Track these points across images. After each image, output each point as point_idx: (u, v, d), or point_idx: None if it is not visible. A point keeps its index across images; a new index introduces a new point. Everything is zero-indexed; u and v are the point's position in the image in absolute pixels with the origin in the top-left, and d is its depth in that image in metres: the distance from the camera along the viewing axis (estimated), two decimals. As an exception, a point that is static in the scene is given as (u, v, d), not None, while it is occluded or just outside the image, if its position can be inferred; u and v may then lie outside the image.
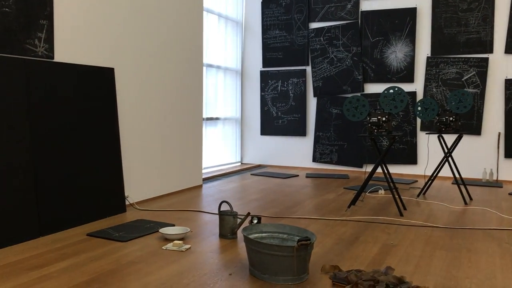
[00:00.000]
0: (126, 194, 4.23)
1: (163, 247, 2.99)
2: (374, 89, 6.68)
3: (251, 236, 2.67)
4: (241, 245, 3.07)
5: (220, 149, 7.01)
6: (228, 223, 3.21)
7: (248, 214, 3.13)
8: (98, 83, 3.77)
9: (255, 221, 2.89)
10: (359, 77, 6.70)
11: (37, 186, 3.18)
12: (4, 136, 2.98)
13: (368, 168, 6.73)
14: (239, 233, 3.35)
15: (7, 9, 3.05)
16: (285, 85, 7.22)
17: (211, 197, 4.79)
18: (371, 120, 4.10)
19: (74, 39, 3.65)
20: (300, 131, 7.15)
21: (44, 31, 3.33)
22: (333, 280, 2.43)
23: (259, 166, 7.41)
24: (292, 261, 2.36)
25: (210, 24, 6.58)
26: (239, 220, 3.66)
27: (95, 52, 3.86)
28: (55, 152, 3.35)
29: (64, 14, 3.55)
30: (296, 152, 7.26)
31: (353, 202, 4.24)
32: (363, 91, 6.72)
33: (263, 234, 2.75)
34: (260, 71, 7.39)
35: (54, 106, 3.36)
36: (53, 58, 3.43)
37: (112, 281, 2.39)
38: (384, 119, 4.07)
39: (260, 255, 2.41)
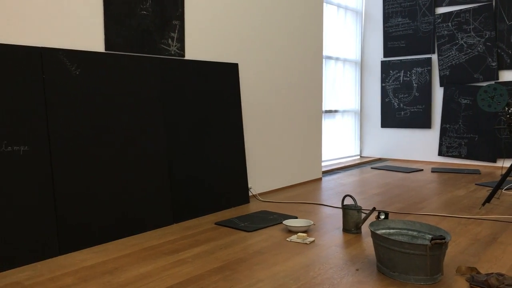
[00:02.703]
0: (249, 186, 4.36)
1: (287, 239, 3.02)
2: (511, 77, 6.08)
3: (379, 232, 2.59)
4: (366, 240, 2.99)
5: (338, 142, 6.92)
6: (352, 217, 3.15)
7: (374, 209, 3.04)
8: (223, 78, 3.92)
9: (382, 217, 2.79)
10: (493, 64, 6.14)
11: (171, 176, 3.40)
12: (143, 129, 3.23)
13: (505, 163, 6.16)
14: (364, 228, 3.27)
15: (145, 12, 3.29)
16: (408, 75, 6.89)
17: (332, 190, 4.74)
18: (510, 111, 3.73)
19: (202, 37, 3.84)
20: (425, 123, 6.78)
21: (176, 31, 3.55)
22: (470, 282, 2.26)
23: (380, 160, 7.18)
24: (425, 260, 2.23)
25: (329, 15, 6.50)
26: (363, 215, 3.58)
27: (221, 49, 4.02)
28: (187, 144, 3.56)
29: (193, 14, 3.74)
30: (419, 145, 6.90)
31: (488, 199, 3.91)
32: (497, 79, 6.15)
33: (391, 231, 2.65)
34: (381, 61, 7.13)
35: (185, 101, 3.57)
36: (184, 56, 3.64)
37: (241, 269, 2.48)
38: (526, 109, 3.67)
39: (389, 252, 2.33)
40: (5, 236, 2.48)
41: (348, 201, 4.17)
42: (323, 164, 6.38)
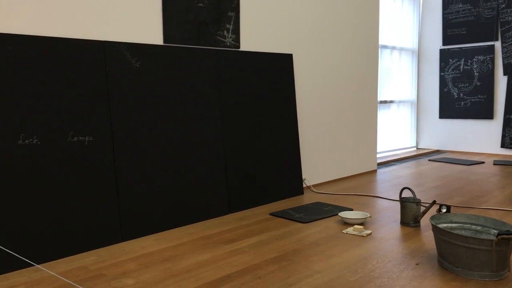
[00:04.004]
0: (303, 177, 4.34)
1: (343, 231, 2.99)
2: None
3: (440, 226, 2.51)
4: (426, 234, 2.91)
5: (394, 133, 6.75)
6: (410, 210, 3.07)
7: (434, 202, 2.94)
8: (278, 69, 3.91)
9: (444, 210, 2.70)
10: None
11: (226, 167, 3.45)
12: (199, 119, 3.28)
13: None
14: (423, 222, 3.18)
15: (201, 5, 3.33)
16: (468, 64, 6.60)
17: (387, 182, 4.64)
18: None
19: (257, 28, 3.84)
20: (486, 114, 6.48)
21: (232, 23, 3.57)
22: (540, 281, 2.15)
23: (437, 152, 6.95)
24: (491, 256, 2.14)
25: (385, 2, 6.32)
26: (422, 208, 3.48)
27: (275, 40, 4.01)
28: (242, 135, 3.58)
29: (248, 5, 3.74)
30: (480, 137, 6.61)
31: (558, 194, 3.69)
32: None
33: (453, 225, 2.56)
34: (440, 49, 6.87)
35: (240, 92, 3.60)
36: (239, 48, 3.66)
37: (298, 260, 2.47)
38: None
39: (452, 246, 2.25)
40: (72, 222, 2.60)
41: (406, 194, 4.07)
42: (377, 155, 6.25)
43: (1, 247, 2.32)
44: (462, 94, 6.69)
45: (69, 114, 2.61)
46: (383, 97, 6.44)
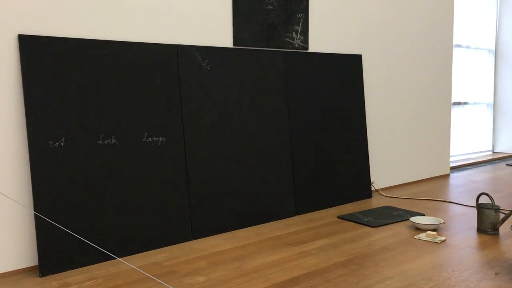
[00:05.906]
0: (371, 180, 4.25)
1: (415, 237, 2.89)
2: None
3: (522, 235, 2.36)
4: (505, 243, 2.75)
5: (468, 136, 6.44)
6: (488, 217, 2.91)
7: (515, 209, 2.77)
8: (346, 70, 3.86)
9: (526, 218, 2.54)
10: None
11: (294, 168, 3.44)
12: (268, 121, 3.30)
13: None
14: (502, 229, 3.01)
15: (270, 7, 3.35)
16: (552, 62, 6.16)
17: (462, 187, 4.43)
18: None
19: (326, 29, 3.81)
20: None
21: (300, 24, 3.56)
22: None
23: (516, 156, 6.55)
24: None
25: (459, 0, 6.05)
26: (501, 215, 3.30)
27: (344, 40, 3.96)
28: (310, 136, 3.57)
29: (317, 6, 3.72)
30: None
31: None
32: None
33: (537, 234, 2.40)
34: (520, 47, 6.46)
35: (309, 93, 3.58)
36: (307, 49, 3.65)
37: (368, 265, 2.42)
38: None
39: (537, 257, 2.11)
40: (145, 219, 2.71)
41: (483, 200, 3.87)
42: (451, 159, 5.98)
43: (85, 240, 2.45)
44: (544, 95, 6.26)
45: (144, 116, 2.72)
46: (457, 98, 6.16)
